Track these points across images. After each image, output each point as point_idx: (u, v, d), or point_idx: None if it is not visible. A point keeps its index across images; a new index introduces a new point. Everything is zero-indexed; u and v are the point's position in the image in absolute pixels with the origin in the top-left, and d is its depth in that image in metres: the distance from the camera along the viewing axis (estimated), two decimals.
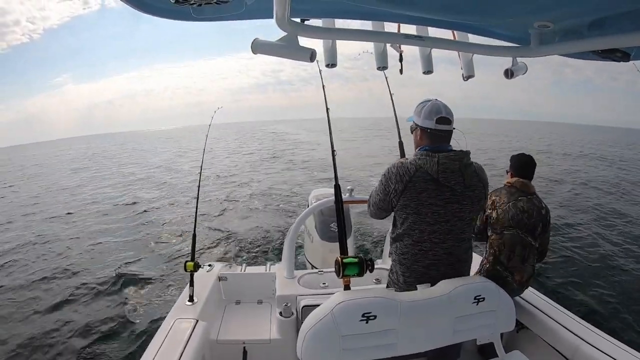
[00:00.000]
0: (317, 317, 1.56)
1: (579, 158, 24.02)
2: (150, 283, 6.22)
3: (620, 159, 24.52)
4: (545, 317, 2.37)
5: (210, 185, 14.23)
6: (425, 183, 1.74)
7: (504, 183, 2.55)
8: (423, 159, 1.76)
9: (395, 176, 1.77)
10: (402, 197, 1.75)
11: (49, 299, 5.83)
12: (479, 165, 1.88)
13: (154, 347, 2.09)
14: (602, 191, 13.04)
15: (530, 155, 2.55)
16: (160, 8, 1.26)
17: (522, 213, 2.36)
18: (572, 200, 11.40)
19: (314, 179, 14.76)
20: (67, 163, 32.32)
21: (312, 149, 22.82)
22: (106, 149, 48.56)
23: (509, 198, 2.42)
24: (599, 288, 5.67)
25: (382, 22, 1.70)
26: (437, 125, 1.78)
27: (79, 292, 6.03)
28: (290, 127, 73.60)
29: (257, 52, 1.35)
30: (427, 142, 1.83)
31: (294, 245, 2.99)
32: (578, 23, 1.37)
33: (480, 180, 1.84)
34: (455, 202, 1.76)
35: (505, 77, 1.89)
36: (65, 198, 14.88)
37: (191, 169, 18.85)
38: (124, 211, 11.58)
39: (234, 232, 8.56)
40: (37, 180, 21.98)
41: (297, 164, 19.05)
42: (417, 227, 1.77)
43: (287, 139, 41.31)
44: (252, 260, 6.91)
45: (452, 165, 1.75)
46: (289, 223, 8.41)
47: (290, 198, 11.72)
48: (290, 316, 2.54)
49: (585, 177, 15.93)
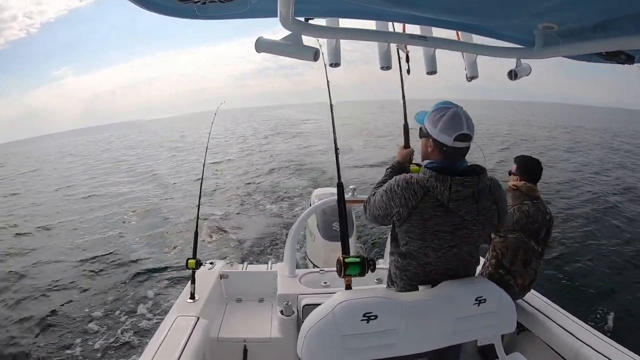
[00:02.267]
0: (318, 316, 1.56)
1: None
2: (151, 280, 6.25)
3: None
4: (546, 320, 2.37)
5: (211, 181, 14.24)
6: (433, 210, 1.56)
7: (508, 185, 2.52)
8: (433, 183, 1.55)
9: (400, 199, 1.59)
10: (406, 222, 1.61)
11: (44, 297, 5.88)
12: (494, 183, 1.67)
13: (154, 344, 2.10)
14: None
15: (537, 159, 2.50)
16: (165, 6, 1.27)
17: (526, 217, 2.35)
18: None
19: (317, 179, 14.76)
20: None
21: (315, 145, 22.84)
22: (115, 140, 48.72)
23: (514, 201, 2.40)
24: (601, 290, 5.65)
25: (386, 22, 1.70)
26: (454, 142, 1.55)
27: (79, 287, 6.06)
28: (294, 112, 73.38)
29: (261, 50, 1.36)
30: (440, 158, 1.61)
31: (295, 244, 2.99)
32: (583, 25, 1.36)
33: (495, 201, 1.65)
34: (463, 228, 1.61)
35: (509, 78, 1.88)
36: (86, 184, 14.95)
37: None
38: (127, 207, 11.63)
39: (236, 230, 8.58)
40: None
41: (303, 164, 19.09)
42: (422, 252, 1.65)
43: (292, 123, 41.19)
44: (253, 258, 6.94)
45: (466, 192, 1.55)
46: (291, 222, 8.41)
47: (293, 197, 11.72)
48: (291, 315, 2.54)
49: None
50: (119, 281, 6.26)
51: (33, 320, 5.19)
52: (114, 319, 5.09)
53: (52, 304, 5.60)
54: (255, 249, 7.44)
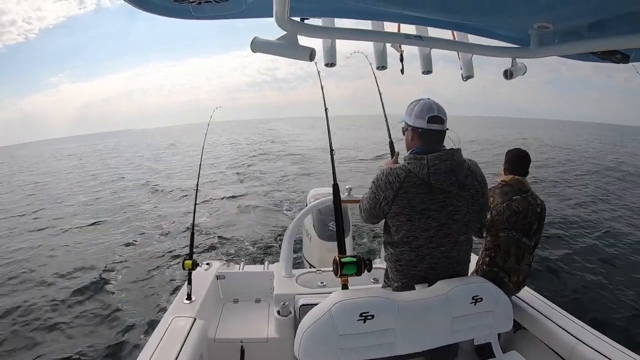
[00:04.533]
0: (315, 316, 1.56)
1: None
2: (147, 281, 6.22)
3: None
4: (542, 318, 2.38)
5: (207, 185, 14.21)
6: (416, 188, 1.66)
7: (497, 181, 2.51)
8: (412, 163, 1.68)
9: (385, 184, 1.70)
10: (394, 205, 1.69)
11: (42, 298, 5.83)
12: (473, 162, 1.79)
13: (151, 345, 2.09)
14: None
15: (524, 150, 2.49)
16: (161, 6, 1.26)
17: (516, 215, 2.34)
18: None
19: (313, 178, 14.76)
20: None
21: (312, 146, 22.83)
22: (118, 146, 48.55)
23: (503, 199, 2.38)
24: (595, 287, 5.69)
25: (382, 21, 1.70)
26: (429, 124, 1.69)
27: (76, 288, 6.02)
28: (288, 125, 73.56)
29: (257, 50, 1.35)
30: (419, 144, 1.74)
31: (292, 244, 2.99)
32: (578, 24, 1.37)
33: (476, 178, 1.76)
34: (450, 205, 1.69)
35: (505, 78, 1.89)
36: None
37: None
38: (127, 207, 11.58)
39: (232, 231, 8.56)
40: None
41: (296, 162, 19.09)
42: (412, 234, 1.71)
43: (284, 136, 41.43)
44: (250, 258, 6.92)
45: (444, 165, 1.66)
46: (287, 222, 8.41)
47: (289, 196, 11.72)
48: (288, 315, 2.54)
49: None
50: (115, 281, 6.22)
51: (32, 321, 5.15)
52: (110, 320, 5.06)
53: (49, 306, 5.56)
54: (252, 249, 7.43)
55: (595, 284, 5.83)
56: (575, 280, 5.99)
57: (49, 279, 6.51)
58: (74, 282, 6.32)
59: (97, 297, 5.80)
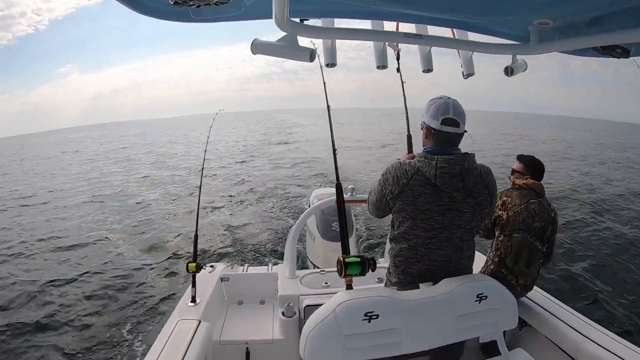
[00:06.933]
0: (320, 317, 1.56)
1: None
2: (152, 284, 6.24)
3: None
4: (548, 315, 2.37)
5: (210, 185, 14.22)
6: (423, 187, 1.65)
7: (512, 182, 2.54)
8: (422, 162, 1.67)
9: (393, 178, 1.69)
10: (398, 200, 1.69)
11: (44, 299, 5.85)
12: (486, 169, 1.75)
13: (156, 349, 2.10)
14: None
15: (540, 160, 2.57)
16: (159, 9, 1.26)
17: (532, 217, 2.35)
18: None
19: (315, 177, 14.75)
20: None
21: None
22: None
23: (521, 200, 2.39)
24: (603, 285, 5.67)
25: (382, 21, 1.70)
26: (442, 126, 1.66)
27: (79, 291, 6.04)
28: (297, 117, 73.24)
29: (257, 52, 1.35)
30: (432, 143, 1.73)
31: (295, 245, 2.99)
32: (578, 20, 1.37)
33: (486, 186, 1.73)
34: (454, 210, 1.68)
35: (505, 75, 1.88)
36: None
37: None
38: (129, 208, 11.59)
39: (235, 233, 8.56)
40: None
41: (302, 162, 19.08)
42: (412, 232, 1.71)
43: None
44: (254, 260, 6.92)
45: (452, 170, 1.64)
46: (290, 223, 8.41)
47: (292, 197, 11.72)
48: (293, 316, 2.54)
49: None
50: (118, 286, 6.23)
51: (31, 322, 5.17)
52: (114, 324, 5.07)
53: (50, 308, 5.58)
54: (255, 251, 7.43)
55: (601, 281, 5.81)
56: (580, 278, 5.96)
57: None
58: (74, 278, 6.35)
59: (101, 299, 5.82)
